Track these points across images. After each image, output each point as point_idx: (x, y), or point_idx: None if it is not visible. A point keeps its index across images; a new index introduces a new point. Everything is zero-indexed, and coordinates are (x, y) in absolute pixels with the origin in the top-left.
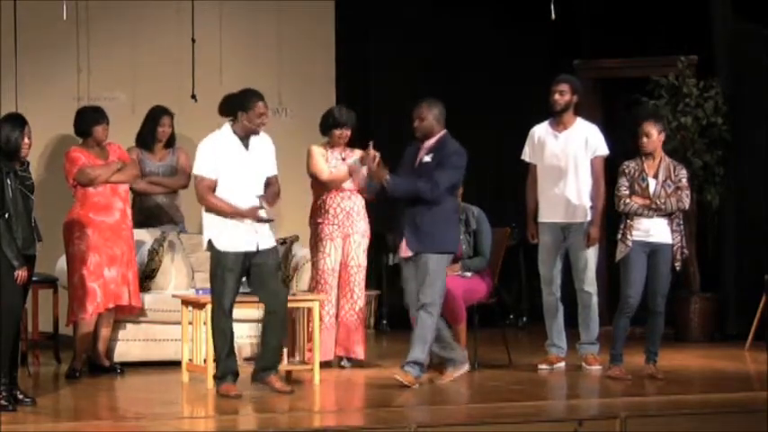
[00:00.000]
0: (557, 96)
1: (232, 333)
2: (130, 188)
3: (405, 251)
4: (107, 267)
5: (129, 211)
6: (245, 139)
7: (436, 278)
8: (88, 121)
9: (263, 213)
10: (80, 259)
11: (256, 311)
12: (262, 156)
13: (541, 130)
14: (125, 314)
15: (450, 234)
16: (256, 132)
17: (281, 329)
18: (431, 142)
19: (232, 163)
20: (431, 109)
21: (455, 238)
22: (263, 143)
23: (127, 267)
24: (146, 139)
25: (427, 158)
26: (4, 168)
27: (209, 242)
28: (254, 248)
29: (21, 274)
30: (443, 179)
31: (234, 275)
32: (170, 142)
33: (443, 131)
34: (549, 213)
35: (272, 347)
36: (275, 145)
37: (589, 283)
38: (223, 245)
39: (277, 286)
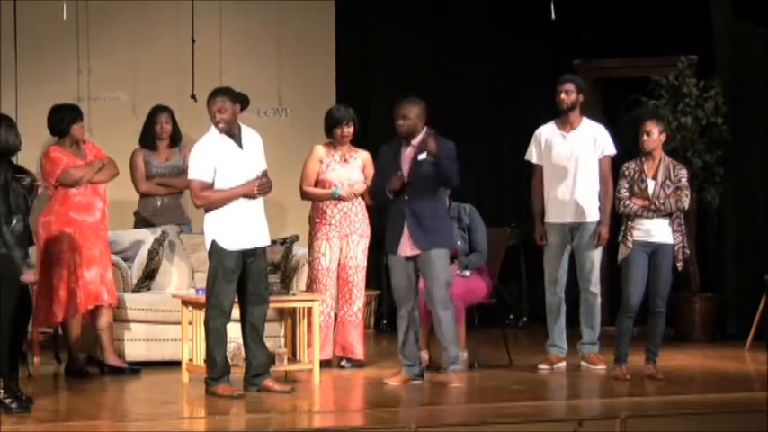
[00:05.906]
0: (563, 96)
1: (226, 335)
2: (137, 191)
3: (408, 249)
4: (86, 268)
5: (107, 212)
6: (236, 137)
7: (444, 273)
8: (67, 119)
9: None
10: (59, 260)
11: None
12: (254, 152)
13: (548, 131)
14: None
15: (450, 228)
16: (224, 129)
17: (263, 338)
18: (418, 140)
19: (228, 163)
20: (413, 107)
21: (453, 232)
22: (252, 139)
23: (104, 268)
24: (146, 138)
25: (423, 156)
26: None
27: (213, 243)
28: (251, 247)
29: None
30: (456, 169)
31: (236, 277)
32: (174, 140)
33: (425, 128)
34: (557, 214)
35: (264, 358)
36: (275, 145)
37: (594, 284)
38: (228, 244)
39: (265, 291)
